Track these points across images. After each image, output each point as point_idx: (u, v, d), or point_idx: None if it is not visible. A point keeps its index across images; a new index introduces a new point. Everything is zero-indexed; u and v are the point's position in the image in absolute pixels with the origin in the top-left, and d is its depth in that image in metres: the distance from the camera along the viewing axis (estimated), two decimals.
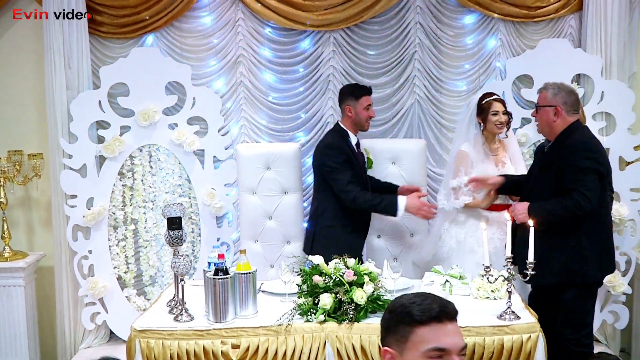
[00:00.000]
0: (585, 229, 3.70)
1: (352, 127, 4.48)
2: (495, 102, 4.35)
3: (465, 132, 4.40)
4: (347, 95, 4.49)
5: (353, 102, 4.44)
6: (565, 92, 3.83)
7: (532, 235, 3.26)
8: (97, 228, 4.91)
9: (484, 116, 4.34)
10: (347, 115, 4.46)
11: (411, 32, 5.08)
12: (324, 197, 4.42)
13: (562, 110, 3.80)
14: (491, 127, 4.35)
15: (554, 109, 3.81)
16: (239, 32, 5.05)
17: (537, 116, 3.93)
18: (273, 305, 3.55)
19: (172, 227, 3.46)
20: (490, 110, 4.34)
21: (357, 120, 4.46)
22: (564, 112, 3.80)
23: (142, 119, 4.84)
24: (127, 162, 4.94)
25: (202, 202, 4.96)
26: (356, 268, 3.41)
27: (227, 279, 3.30)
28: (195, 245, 5.05)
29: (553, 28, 5.05)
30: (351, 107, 4.44)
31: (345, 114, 4.48)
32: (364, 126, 4.50)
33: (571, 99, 3.82)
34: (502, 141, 4.49)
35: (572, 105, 3.82)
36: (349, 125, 4.48)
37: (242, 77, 5.10)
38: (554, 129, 3.84)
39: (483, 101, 4.36)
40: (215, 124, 4.97)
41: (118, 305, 4.98)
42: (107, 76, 4.86)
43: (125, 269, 5.00)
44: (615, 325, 4.98)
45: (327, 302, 3.29)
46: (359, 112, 4.44)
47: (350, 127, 4.48)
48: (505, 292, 3.39)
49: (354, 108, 4.44)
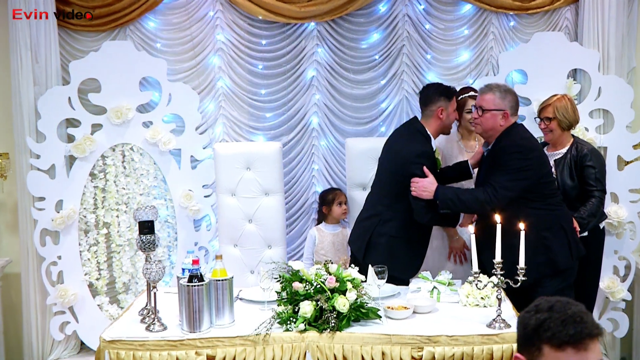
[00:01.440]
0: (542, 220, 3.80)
1: (437, 131, 4.20)
2: (470, 100, 4.42)
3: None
4: (439, 95, 4.17)
5: (445, 103, 4.15)
6: (511, 95, 3.91)
7: (522, 240, 3.28)
8: (66, 232, 4.91)
9: (459, 113, 4.37)
10: (438, 117, 4.14)
11: (399, 24, 5.10)
12: (394, 204, 4.16)
13: (509, 115, 3.88)
14: (466, 124, 4.43)
15: (501, 113, 3.87)
16: (217, 24, 5.06)
17: (480, 119, 3.93)
18: (251, 313, 3.55)
19: (144, 232, 3.46)
20: (465, 107, 4.42)
21: (447, 124, 4.20)
22: (510, 116, 3.88)
23: (114, 117, 4.84)
24: (99, 163, 4.94)
25: (179, 205, 4.97)
26: (338, 274, 3.42)
27: (202, 286, 3.30)
28: (172, 250, 5.06)
29: (548, 20, 5.09)
30: (444, 109, 4.14)
31: (434, 116, 4.15)
32: (450, 129, 4.27)
33: (515, 101, 3.92)
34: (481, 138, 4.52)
35: (516, 109, 3.93)
36: (435, 129, 4.18)
37: (221, 72, 5.12)
38: (496, 132, 3.91)
39: (459, 97, 4.40)
40: (192, 121, 4.98)
41: (89, 314, 4.98)
42: (77, 71, 4.86)
43: (97, 275, 4.99)
44: (615, 333, 5.02)
45: (307, 310, 3.29)
46: (450, 114, 4.18)
47: (436, 130, 4.19)
48: (495, 300, 3.41)
49: (446, 110, 4.15)
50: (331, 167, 5.27)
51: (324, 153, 5.28)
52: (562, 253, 3.85)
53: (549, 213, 3.86)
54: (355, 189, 4.90)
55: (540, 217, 3.80)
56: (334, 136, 5.24)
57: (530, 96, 4.93)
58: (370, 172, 4.83)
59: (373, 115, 5.21)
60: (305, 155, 5.28)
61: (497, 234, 3.30)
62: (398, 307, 3.46)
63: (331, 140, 5.26)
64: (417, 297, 3.63)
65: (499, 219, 3.34)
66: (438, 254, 4.57)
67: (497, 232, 3.30)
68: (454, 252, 4.57)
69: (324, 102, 5.21)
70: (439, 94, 4.16)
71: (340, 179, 5.22)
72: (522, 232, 3.29)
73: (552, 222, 3.86)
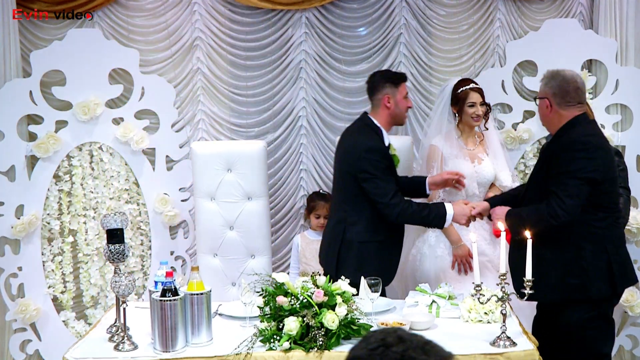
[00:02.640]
0: (585, 236, 3.70)
1: (387, 122, 4.27)
2: (472, 92, 4.43)
3: (438, 122, 4.49)
4: (384, 82, 4.25)
5: (392, 89, 4.22)
6: (556, 81, 3.79)
7: (529, 249, 3.29)
8: (28, 241, 4.90)
9: (459, 107, 4.41)
10: (385, 106, 4.22)
11: (396, 11, 5.12)
12: (356, 206, 4.21)
13: (553, 103, 3.79)
14: (467, 120, 4.45)
15: (545, 101, 3.83)
16: (195, 10, 5.07)
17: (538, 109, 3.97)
18: (231, 330, 3.56)
19: (112, 241, 3.46)
20: (467, 101, 4.43)
21: (398, 112, 4.25)
22: (554, 104, 3.79)
23: (81, 113, 4.84)
24: (64, 164, 4.94)
25: (153, 210, 4.98)
26: (327, 287, 3.42)
27: (177, 301, 3.30)
28: (145, 259, 5.06)
29: (560, 6, 5.12)
30: (390, 97, 4.21)
31: (381, 106, 4.23)
32: (403, 119, 4.36)
33: (564, 88, 3.77)
34: (482, 134, 4.55)
35: (563, 97, 3.77)
36: (385, 120, 4.25)
37: (200, 63, 5.12)
38: (550, 123, 3.86)
39: (459, 90, 4.44)
40: (167, 118, 4.99)
41: (53, 332, 4.98)
42: (39, 62, 4.85)
43: (62, 288, 4.99)
44: (634, 351, 5.04)
45: (292, 327, 3.30)
46: (399, 101, 4.24)
47: (386, 121, 4.26)
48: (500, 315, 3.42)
49: (393, 97, 4.22)
50: (321, 168, 5.29)
51: (313, 153, 5.29)
52: (599, 280, 3.70)
53: (594, 230, 3.71)
54: None
55: (582, 233, 3.70)
56: (324, 134, 5.25)
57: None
58: None
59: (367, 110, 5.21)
60: (292, 155, 5.30)
61: (528, 250, 3.29)
62: (393, 323, 3.47)
63: (321, 138, 5.27)
64: (414, 312, 3.64)
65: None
66: (441, 263, 4.57)
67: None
68: (458, 260, 4.58)
69: (313, 96, 5.22)
70: (385, 80, 4.25)
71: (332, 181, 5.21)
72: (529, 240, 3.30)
73: (596, 242, 3.71)
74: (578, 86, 3.80)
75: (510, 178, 4.61)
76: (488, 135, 4.60)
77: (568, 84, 3.77)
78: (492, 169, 4.52)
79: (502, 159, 4.60)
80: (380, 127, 4.24)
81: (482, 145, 4.56)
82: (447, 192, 4.50)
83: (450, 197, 4.47)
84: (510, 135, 5.04)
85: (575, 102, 3.78)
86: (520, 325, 3.54)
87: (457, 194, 4.45)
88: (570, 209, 3.61)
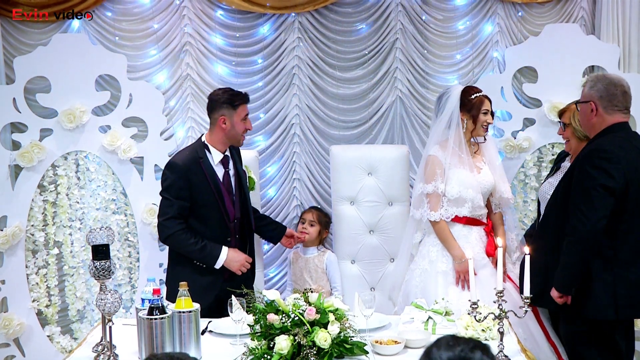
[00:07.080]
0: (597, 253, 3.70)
1: (221, 142, 4.37)
2: (486, 100, 4.38)
3: (442, 131, 4.43)
4: (222, 103, 4.33)
5: (229, 111, 4.31)
6: (603, 84, 3.74)
7: (527, 265, 3.32)
8: (11, 253, 4.91)
9: (473, 114, 4.36)
10: (220, 127, 4.32)
11: (392, 15, 5.15)
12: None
13: (599, 106, 3.74)
14: (478, 128, 4.38)
15: (589, 105, 3.77)
16: (185, 15, 5.09)
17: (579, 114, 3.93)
18: (221, 348, 3.56)
19: (97, 257, 3.47)
20: (482, 107, 4.36)
21: (234, 133, 4.35)
22: (600, 107, 3.74)
23: (66, 121, 4.85)
24: (49, 173, 4.95)
25: (141, 221, 4.99)
26: (319, 304, 3.44)
27: (164, 319, 3.32)
28: (133, 272, 5.07)
29: (561, 11, 5.15)
30: (226, 118, 4.31)
31: (217, 126, 4.33)
32: (240, 141, 4.43)
33: (611, 92, 3.72)
34: (477, 144, 4.51)
35: (611, 100, 3.72)
36: (218, 140, 4.36)
37: (189, 69, 5.15)
38: (592, 128, 3.81)
39: (472, 96, 4.36)
40: (156, 126, 5.01)
41: (38, 347, 4.98)
42: (22, 68, 4.86)
43: (46, 302, 5.00)
44: None
45: (283, 346, 3.31)
46: (235, 123, 4.33)
47: (220, 141, 4.36)
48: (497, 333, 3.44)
49: (229, 119, 4.31)
50: (315, 178, 5.31)
51: (307, 161, 5.31)
52: (597, 299, 3.70)
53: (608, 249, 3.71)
54: (341, 203, 4.95)
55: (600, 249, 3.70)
56: (318, 142, 5.28)
57: (540, 97, 4.99)
58: (359, 184, 4.88)
59: (362, 118, 5.25)
60: (285, 165, 5.32)
61: (526, 265, 3.30)
62: (387, 341, 3.47)
63: (315, 146, 5.29)
64: (410, 330, 3.65)
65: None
66: (443, 279, 4.52)
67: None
68: (460, 276, 4.56)
69: (307, 103, 5.25)
70: (223, 102, 4.34)
71: (326, 191, 5.25)
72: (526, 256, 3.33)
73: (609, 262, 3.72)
74: (625, 90, 3.78)
75: (509, 190, 4.59)
76: (485, 145, 4.56)
77: (615, 87, 3.75)
78: (492, 177, 4.49)
79: (500, 170, 4.57)
80: (210, 145, 4.36)
81: (478, 154, 4.52)
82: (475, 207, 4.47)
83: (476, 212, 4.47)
84: (510, 143, 5.06)
85: (622, 107, 3.76)
86: (518, 343, 3.56)
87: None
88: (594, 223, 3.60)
